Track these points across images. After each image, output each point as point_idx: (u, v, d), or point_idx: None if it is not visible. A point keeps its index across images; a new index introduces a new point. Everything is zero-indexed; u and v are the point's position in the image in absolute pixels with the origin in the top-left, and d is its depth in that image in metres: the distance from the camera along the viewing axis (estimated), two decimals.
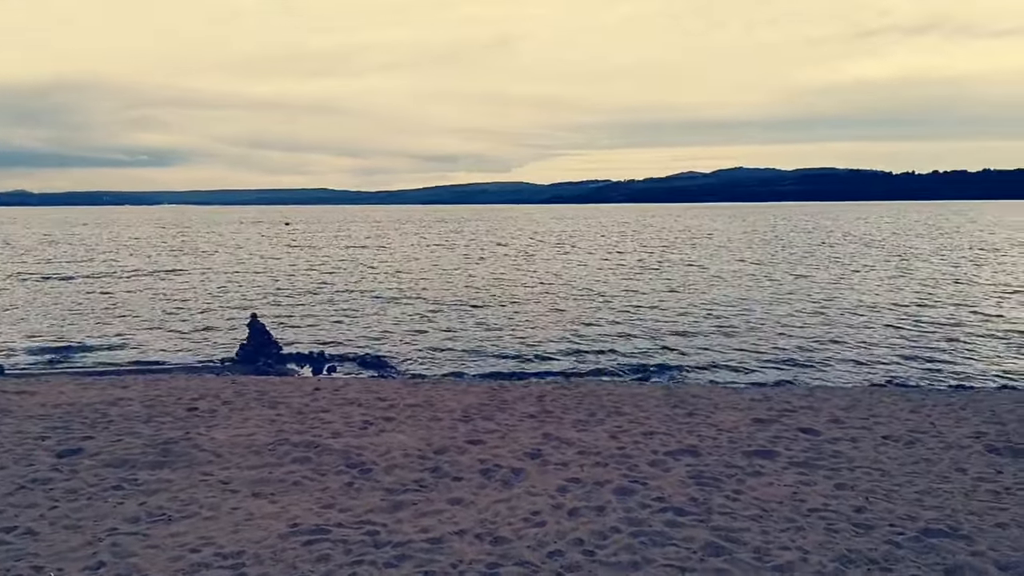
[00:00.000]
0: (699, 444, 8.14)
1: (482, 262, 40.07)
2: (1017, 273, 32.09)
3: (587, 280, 30.45)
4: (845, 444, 8.26)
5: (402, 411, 9.60)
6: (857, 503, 6.27)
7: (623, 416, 9.50)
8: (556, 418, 9.35)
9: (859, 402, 10.69)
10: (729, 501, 6.28)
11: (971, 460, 7.70)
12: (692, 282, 29.45)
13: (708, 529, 5.63)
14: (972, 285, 27.77)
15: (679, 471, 7.13)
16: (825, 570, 4.95)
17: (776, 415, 9.69)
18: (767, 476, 7.01)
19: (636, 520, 5.81)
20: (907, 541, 5.45)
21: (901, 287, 27.21)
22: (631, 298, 24.69)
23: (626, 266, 37.12)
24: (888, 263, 37.39)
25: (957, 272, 32.50)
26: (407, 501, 6.27)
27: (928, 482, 6.92)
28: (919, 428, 9.05)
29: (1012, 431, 8.90)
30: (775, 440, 8.38)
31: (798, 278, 30.56)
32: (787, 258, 41.31)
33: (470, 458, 7.49)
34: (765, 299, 24.26)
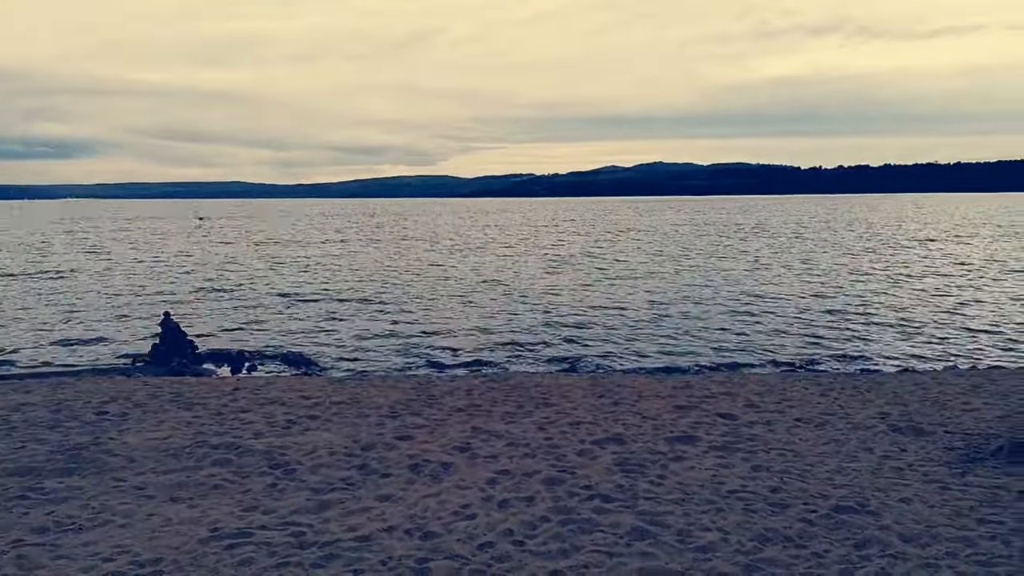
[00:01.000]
0: (624, 432, 8.31)
1: (407, 257, 39.67)
2: (911, 264, 34.16)
3: (514, 274, 30.61)
4: (761, 427, 8.61)
5: (327, 409, 9.41)
6: (773, 483, 6.55)
7: (551, 407, 9.61)
8: (485, 411, 9.36)
9: (773, 387, 11.15)
10: (653, 486, 6.45)
11: (877, 439, 8.16)
12: (617, 275, 30.03)
13: (634, 514, 5.77)
14: (871, 275, 29.38)
15: (606, 459, 7.26)
16: (744, 549, 5.15)
17: (697, 401, 10.00)
18: (689, 461, 7.23)
19: (565, 509, 5.89)
20: (819, 518, 5.73)
21: (808, 278, 28.53)
22: (558, 292, 24.98)
23: (552, 260, 37.50)
24: (796, 255, 39.13)
25: (858, 263, 34.32)
26: (334, 500, 6.16)
27: (838, 461, 7.29)
28: (828, 410, 9.52)
29: (914, 411, 9.47)
30: (696, 426, 8.65)
31: (716, 271, 31.61)
32: (705, 250, 42.65)
33: (398, 454, 7.42)
34: (685, 290, 24.99)
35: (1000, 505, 6.06)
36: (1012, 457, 7.40)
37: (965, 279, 27.63)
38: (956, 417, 9.08)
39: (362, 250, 44.76)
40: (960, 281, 27.00)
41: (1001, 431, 8.34)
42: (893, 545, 5.24)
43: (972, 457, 7.50)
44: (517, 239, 55.10)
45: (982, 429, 8.49)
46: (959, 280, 27.33)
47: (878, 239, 50.65)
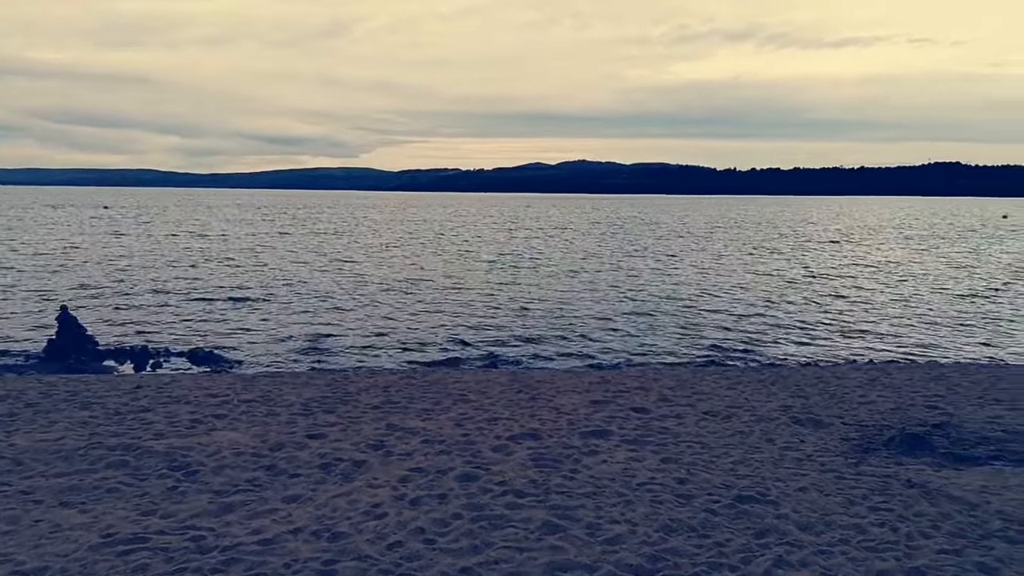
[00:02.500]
0: (540, 427, 8.38)
1: (326, 252, 38.81)
2: (814, 264, 35.86)
3: (435, 270, 30.41)
4: (672, 421, 8.84)
5: (235, 407, 9.08)
6: (680, 475, 6.73)
7: (469, 403, 9.58)
8: (401, 408, 9.25)
9: (685, 381, 11.47)
10: (566, 481, 6.51)
11: (779, 431, 8.51)
12: (539, 272, 30.28)
13: (546, 509, 5.81)
14: (778, 274, 30.68)
15: (521, 454, 7.30)
16: (650, 540, 5.27)
17: (612, 396, 10.18)
18: (601, 455, 7.35)
19: (477, 505, 5.88)
20: (722, 508, 5.92)
21: (719, 276, 29.54)
22: (481, 288, 24.96)
23: (475, 256, 37.46)
24: (709, 254, 40.46)
25: (765, 262, 35.79)
26: (237, 502, 5.94)
27: (742, 452, 7.56)
28: (735, 403, 9.87)
29: (813, 404, 9.93)
30: (610, 420, 8.80)
31: (634, 269, 32.31)
32: (624, 248, 43.51)
33: (309, 453, 7.23)
34: (605, 287, 25.43)
35: (890, 493, 6.42)
36: (902, 447, 7.86)
37: (865, 279, 29.19)
38: (853, 410, 9.57)
39: (279, 243, 43.52)
40: (860, 281, 28.51)
41: (893, 423, 8.85)
42: (790, 533, 5.47)
43: (866, 448, 7.92)
44: (440, 235, 54.77)
45: (876, 421, 8.98)
46: (859, 280, 28.86)
47: (785, 240, 52.91)
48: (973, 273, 31.13)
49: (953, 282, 27.91)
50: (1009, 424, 8.79)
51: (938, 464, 7.33)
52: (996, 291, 25.41)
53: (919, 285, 26.98)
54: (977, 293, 24.92)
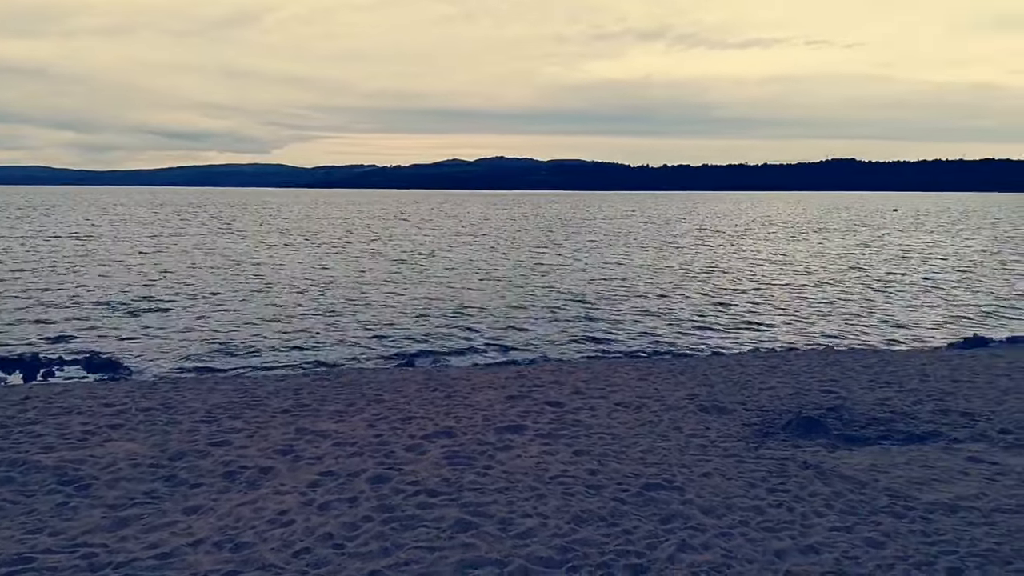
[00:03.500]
0: (455, 425, 8.35)
1: (234, 250, 37.46)
2: (720, 256, 37.28)
3: (349, 269, 29.85)
4: (585, 413, 8.99)
5: (133, 416, 8.64)
6: (591, 467, 6.85)
7: (383, 403, 9.45)
8: (312, 411, 9.03)
9: (599, 374, 11.69)
10: (480, 477, 6.52)
11: (686, 419, 8.79)
12: (456, 270, 30.19)
13: (458, 507, 5.80)
14: (687, 267, 31.73)
15: (435, 453, 7.25)
16: (561, 531, 5.34)
17: (528, 391, 10.26)
18: (516, 450, 7.39)
19: (389, 507, 5.81)
20: (631, 496, 6.07)
21: (629, 270, 30.28)
22: (395, 287, 24.67)
23: (391, 254, 36.98)
24: (621, 248, 41.41)
25: (674, 255, 36.96)
26: (133, 516, 5.66)
27: (651, 441, 7.77)
28: (646, 394, 10.13)
29: (719, 392, 10.31)
30: (525, 414, 8.87)
31: (551, 264, 32.68)
32: (540, 244, 43.96)
33: (212, 461, 6.96)
34: (522, 283, 25.61)
35: (787, 475, 6.73)
36: (799, 431, 8.26)
37: (765, 271, 30.53)
38: (754, 396, 9.99)
39: (180, 244, 41.68)
40: (762, 273, 29.80)
41: (791, 407, 9.28)
42: (694, 518, 5.65)
43: (766, 432, 8.28)
44: (356, 232, 53.80)
45: (776, 406, 9.40)
46: (761, 272, 30.17)
47: (692, 235, 54.76)
48: (866, 264, 33.07)
49: (847, 272, 29.56)
50: (897, 405, 9.38)
51: (832, 445, 7.74)
52: (886, 282, 27.08)
53: (816, 276, 28.44)
54: (868, 283, 26.49)
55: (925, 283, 26.39)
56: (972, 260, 34.72)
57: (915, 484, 6.43)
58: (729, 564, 4.89)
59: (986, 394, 9.92)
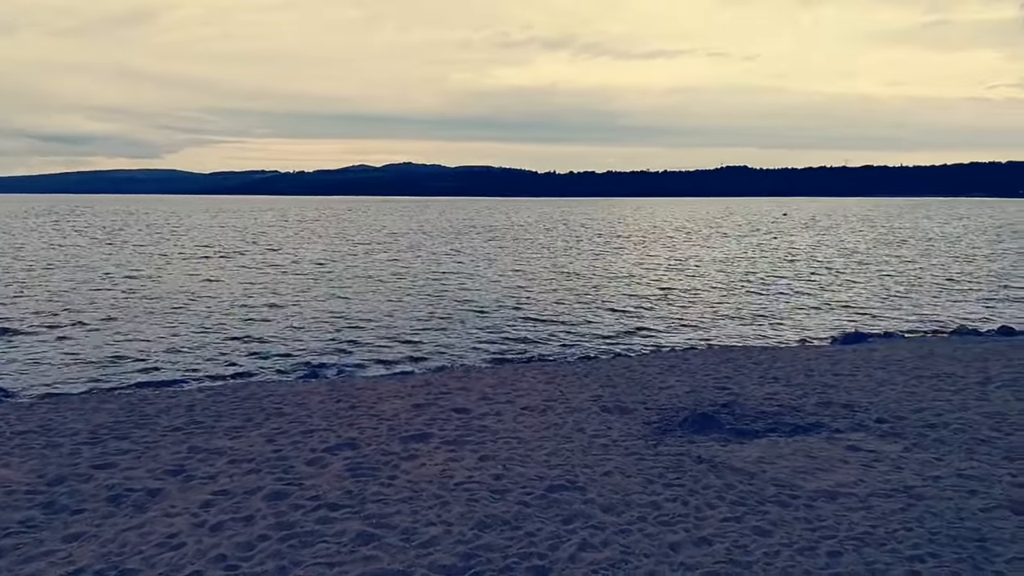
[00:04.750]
0: (359, 436, 8.21)
1: (118, 260, 35.44)
2: (621, 261, 38.39)
3: (247, 279, 28.84)
4: (491, 419, 9.03)
5: (8, 441, 8.02)
6: (497, 471, 6.89)
7: (283, 417, 9.18)
8: (207, 428, 8.66)
9: (506, 379, 11.78)
10: (383, 488, 6.44)
11: (589, 420, 8.98)
12: (361, 277, 29.70)
13: (361, 519, 5.70)
14: (590, 272, 32.48)
15: (337, 466, 7.10)
16: (464, 538, 5.35)
17: (434, 398, 10.21)
18: (421, 458, 7.34)
19: (287, 524, 5.64)
20: (535, 499, 6.14)
21: (535, 275, 30.71)
22: (297, 297, 24.02)
23: (291, 264, 35.97)
24: (522, 252, 41.93)
25: (579, 261, 37.77)
26: (7, 547, 5.26)
27: (555, 444, 7.89)
28: (552, 397, 10.29)
29: (621, 392, 10.59)
30: (431, 422, 8.82)
31: (456, 272, 32.68)
32: (446, 250, 43.88)
33: (95, 485, 6.55)
34: (429, 290, 25.48)
35: (683, 470, 7.00)
36: (695, 427, 8.60)
37: (665, 274, 31.63)
38: (654, 395, 10.32)
39: (61, 254, 39.08)
40: (662, 276, 30.86)
41: (688, 404, 9.65)
42: (595, 516, 5.78)
43: (664, 429, 8.58)
44: (253, 241, 52.03)
45: (673, 404, 9.75)
46: (661, 275, 31.23)
47: (596, 239, 56.11)
48: (757, 266, 34.82)
49: (740, 274, 31.03)
50: (784, 399, 9.92)
51: (724, 439, 8.10)
52: (775, 282, 28.60)
53: (712, 278, 29.71)
54: (759, 284, 27.90)
55: (810, 283, 28.04)
56: (852, 261, 37.19)
57: (799, 473, 6.82)
58: (627, 560, 5.03)
59: (864, 386, 10.63)
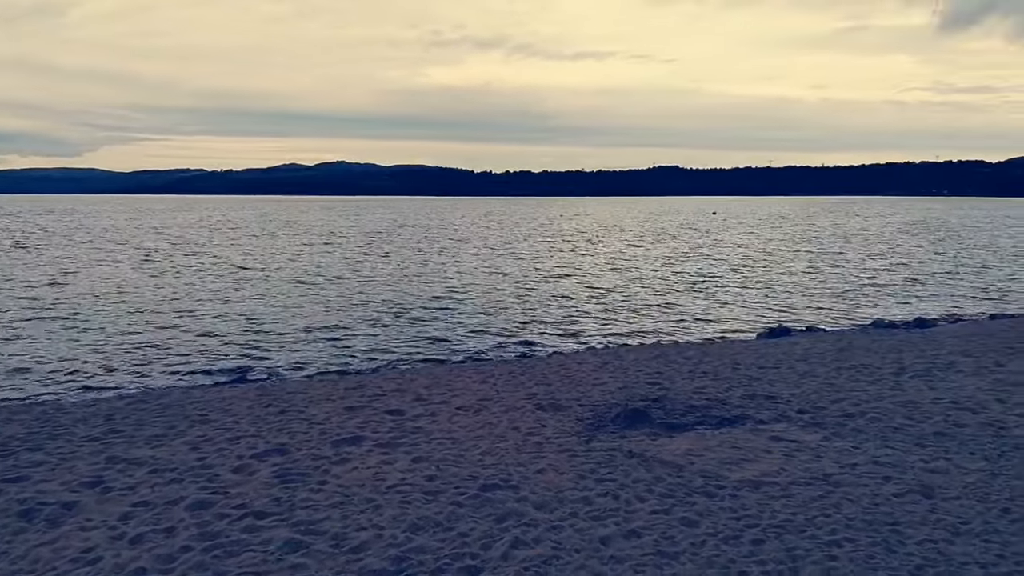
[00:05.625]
0: (289, 441, 8.02)
1: (27, 263, 33.67)
2: (557, 260, 38.77)
3: (170, 282, 27.85)
4: (425, 420, 8.96)
5: None
6: (430, 473, 6.84)
7: (208, 424, 8.89)
8: (126, 437, 8.31)
9: (441, 380, 11.70)
10: (313, 494, 6.30)
11: (524, 419, 9.01)
12: (290, 279, 29.06)
13: (289, 526, 5.57)
14: (525, 271, 32.67)
15: (265, 472, 6.92)
16: (396, 541, 5.29)
17: (368, 400, 10.07)
18: (353, 462, 7.23)
19: (211, 534, 5.46)
20: (468, 499, 6.13)
21: (469, 275, 30.71)
22: (224, 299, 23.32)
23: (216, 265, 34.91)
24: (459, 252, 41.90)
25: (515, 260, 37.96)
26: None
27: (490, 443, 7.89)
28: (487, 396, 10.28)
29: (556, 390, 10.66)
30: (364, 425, 8.69)
31: (389, 272, 32.35)
32: (379, 251, 43.39)
33: (5, 500, 6.20)
34: (360, 291, 25.14)
35: (614, 464, 7.10)
36: (627, 422, 8.73)
37: (599, 273, 32.09)
38: (588, 392, 10.43)
39: None
40: (596, 274, 31.30)
41: (620, 400, 9.79)
42: (528, 514, 5.81)
43: (597, 425, 8.68)
44: (174, 242, 50.26)
45: (607, 400, 9.88)
46: (595, 273, 31.68)
47: (532, 238, 56.51)
48: (688, 263, 35.69)
49: (672, 272, 31.76)
50: (712, 393, 10.18)
51: (655, 433, 8.26)
52: (705, 279, 29.38)
53: (645, 275, 30.30)
54: (690, 281, 28.62)
55: (738, 280, 28.93)
56: (777, 258, 38.55)
57: (725, 464, 7.02)
58: (558, 555, 5.07)
59: (787, 378, 11.02)
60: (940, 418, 8.70)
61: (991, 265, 34.66)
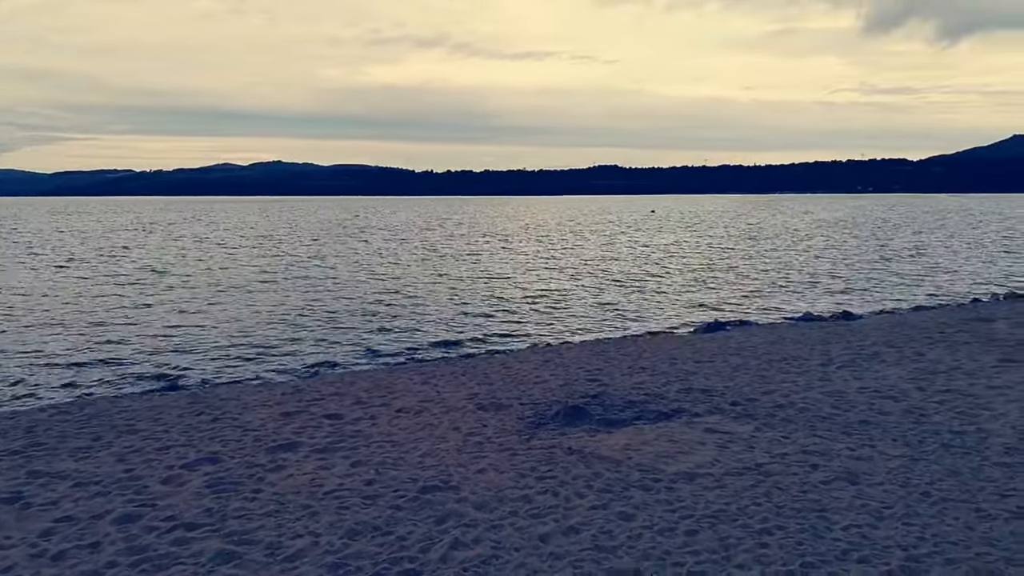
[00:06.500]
0: (222, 449, 7.80)
1: None
2: (498, 259, 38.86)
3: (93, 287, 26.75)
4: (365, 423, 8.84)
5: None
6: (369, 477, 6.76)
7: (137, 434, 8.56)
8: (49, 450, 7.93)
9: (381, 382, 11.57)
10: (247, 503, 6.14)
11: (465, 419, 8.99)
12: (224, 281, 28.29)
13: (221, 537, 5.41)
14: (467, 270, 32.64)
15: (196, 482, 6.71)
16: (333, 548, 5.20)
17: (305, 405, 9.87)
18: (288, 469, 7.07)
19: (139, 548, 5.27)
20: (407, 502, 6.08)
21: (405, 275, 30.51)
22: (154, 304, 22.54)
23: (143, 270, 33.72)
24: (398, 253, 41.57)
25: (456, 260, 37.89)
26: None
27: (430, 444, 7.84)
28: (428, 397, 10.21)
29: (497, 389, 10.67)
30: (300, 430, 8.52)
31: (324, 275, 31.85)
32: (315, 253, 42.66)
33: None
34: (295, 294, 24.66)
35: (554, 462, 7.15)
36: (567, 419, 8.81)
37: (539, 271, 32.29)
38: (529, 390, 10.48)
39: None
40: (538, 271, 31.48)
41: (561, 397, 9.87)
42: (468, 515, 5.80)
43: (538, 423, 8.73)
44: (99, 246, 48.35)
45: (547, 398, 9.94)
46: (538, 270, 31.86)
47: (473, 237, 56.49)
48: (626, 261, 36.26)
49: (613, 270, 32.19)
50: (650, 388, 10.36)
51: (594, 430, 8.35)
52: (644, 276, 29.90)
53: (587, 273, 30.64)
54: (630, 278, 29.07)
55: (676, 276, 29.54)
56: (713, 254, 39.52)
57: (662, 458, 7.16)
58: (498, 555, 5.07)
59: (721, 372, 11.31)
60: (865, 407, 9.07)
61: (914, 259, 36.33)
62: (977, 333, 14.19)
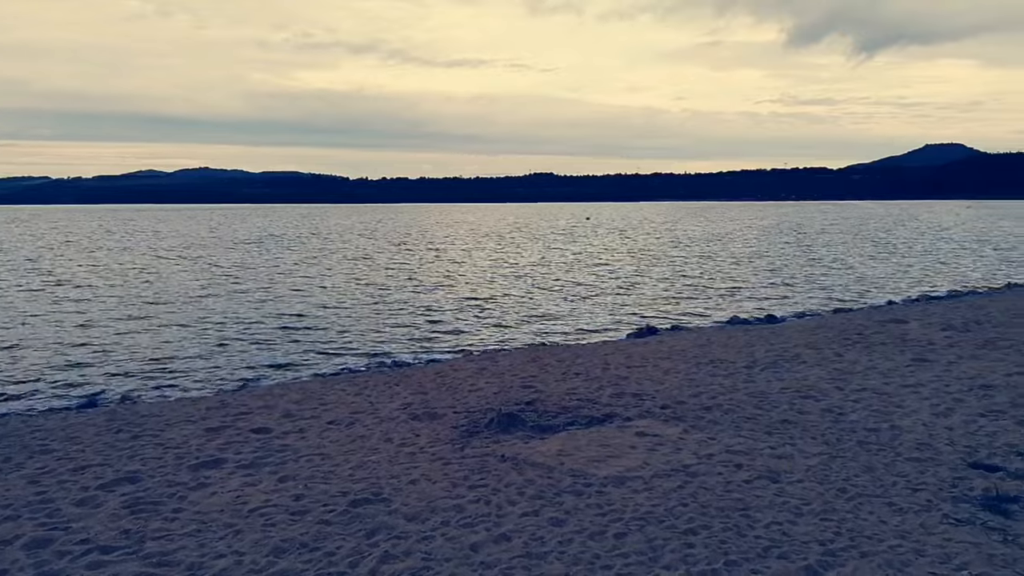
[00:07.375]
0: (142, 468, 7.50)
1: None
2: (430, 267, 38.70)
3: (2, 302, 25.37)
4: (293, 437, 8.65)
5: None
6: (297, 492, 6.60)
7: (50, 454, 8.15)
8: None
9: (313, 394, 11.34)
10: (167, 523, 5.92)
11: (398, 429, 8.89)
12: (144, 293, 27.25)
13: (138, 560, 5.20)
14: (398, 280, 32.38)
15: (113, 504, 6.42)
16: (258, 566, 5.06)
17: (231, 420, 9.58)
18: (212, 486, 6.85)
19: (50, 573, 5.01)
20: (336, 516, 5.96)
21: (334, 286, 30.06)
22: (67, 318, 21.51)
23: (58, 282, 32.17)
24: (328, 262, 40.93)
25: (386, 269, 37.54)
26: None
27: (361, 456, 7.73)
28: (360, 408, 10.06)
29: (431, 398, 10.60)
30: (225, 447, 8.26)
31: (255, 287, 31.07)
32: (240, 263, 41.57)
33: None
34: (221, 306, 23.95)
35: (487, 470, 7.15)
36: (500, 426, 8.82)
37: (478, 277, 32.30)
38: (464, 398, 10.45)
39: None
40: (473, 279, 31.48)
41: (495, 405, 9.87)
42: (399, 527, 5.73)
43: (471, 432, 8.71)
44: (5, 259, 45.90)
45: (482, 406, 9.92)
46: (473, 278, 31.85)
47: (403, 246, 56.08)
48: (563, 268, 36.61)
49: (548, 276, 32.45)
50: (583, 393, 10.48)
51: (528, 436, 8.39)
52: (578, 281, 30.25)
53: (521, 279, 30.79)
54: (564, 283, 29.36)
55: (610, 282, 30.00)
56: (644, 261, 40.33)
57: (593, 462, 7.24)
58: (429, 566, 5.03)
59: (652, 376, 11.54)
60: (786, 406, 9.40)
61: (834, 263, 37.92)
62: (892, 334, 14.91)
